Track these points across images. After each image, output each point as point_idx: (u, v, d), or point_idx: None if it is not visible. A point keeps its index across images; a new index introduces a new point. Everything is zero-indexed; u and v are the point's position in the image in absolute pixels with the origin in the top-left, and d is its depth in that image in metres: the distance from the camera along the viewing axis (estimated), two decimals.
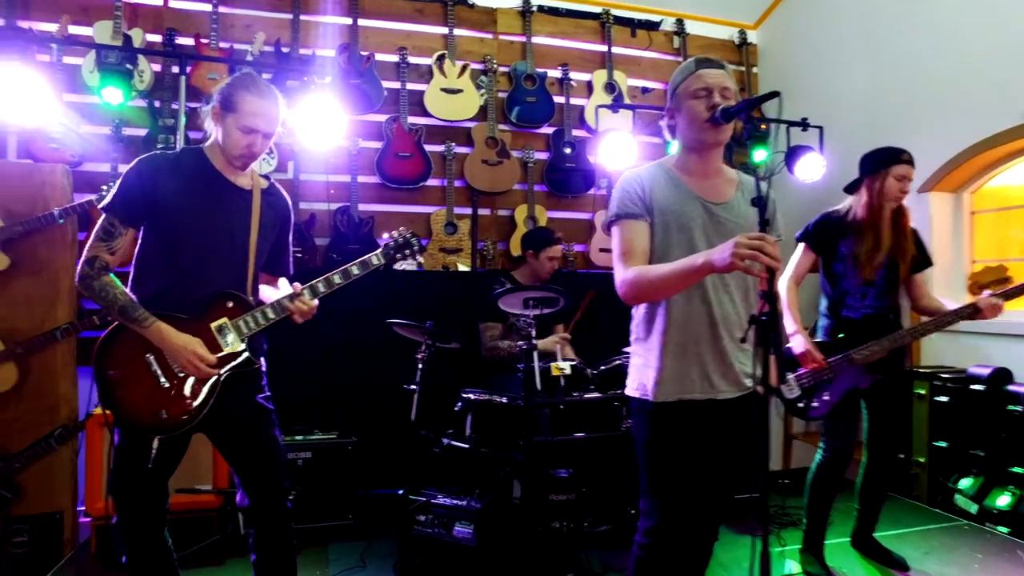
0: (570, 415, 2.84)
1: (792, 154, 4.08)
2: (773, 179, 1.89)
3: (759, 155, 4.20)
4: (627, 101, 4.57)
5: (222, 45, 3.89)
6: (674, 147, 1.96)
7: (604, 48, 4.64)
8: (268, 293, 2.14)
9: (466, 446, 2.72)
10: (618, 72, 4.62)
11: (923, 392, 3.57)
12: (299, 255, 3.83)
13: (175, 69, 3.51)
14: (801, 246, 2.77)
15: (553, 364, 2.74)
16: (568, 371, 2.72)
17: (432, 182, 4.23)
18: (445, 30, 4.29)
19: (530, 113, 4.41)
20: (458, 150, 4.26)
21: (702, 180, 1.84)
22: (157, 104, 3.71)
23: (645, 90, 4.77)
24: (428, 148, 4.18)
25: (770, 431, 2.01)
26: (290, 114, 2.06)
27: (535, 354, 2.59)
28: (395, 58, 4.17)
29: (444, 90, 4.24)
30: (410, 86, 4.17)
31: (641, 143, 4.19)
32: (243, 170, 2.03)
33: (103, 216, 1.91)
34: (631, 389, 1.89)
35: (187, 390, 1.91)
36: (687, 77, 1.78)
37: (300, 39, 4.01)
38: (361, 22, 4.13)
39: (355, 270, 2.08)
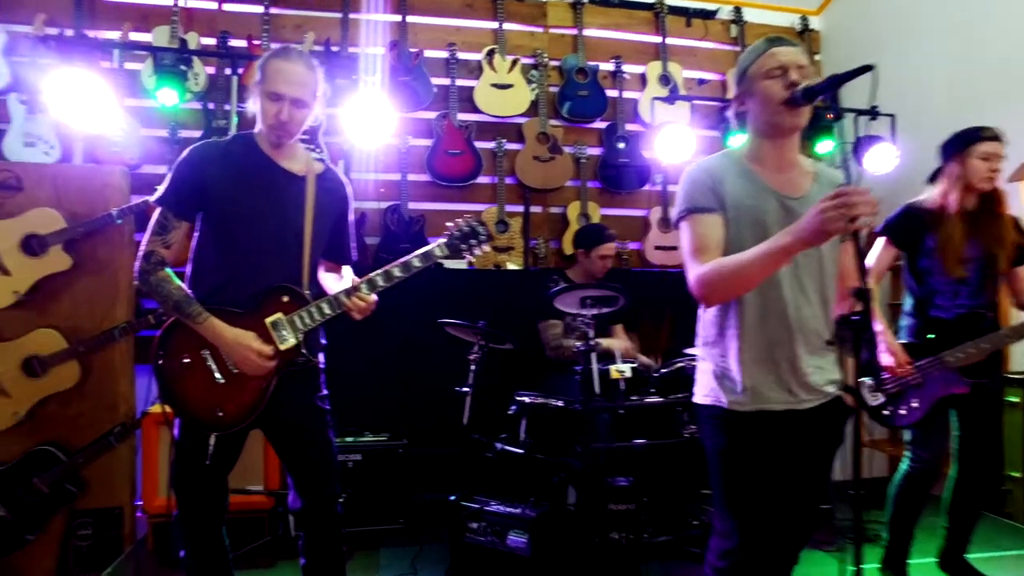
0: (629, 420, 2.71)
1: (860, 145, 3.84)
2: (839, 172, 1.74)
3: (824, 146, 3.98)
4: (683, 93, 4.41)
5: (273, 46, 3.88)
6: (733, 141, 1.81)
7: (658, 39, 4.48)
8: (331, 284, 2.08)
9: (520, 451, 2.62)
10: (673, 63, 4.46)
11: (1016, 400, 3.29)
12: None
13: (228, 71, 3.54)
14: (882, 240, 2.57)
15: (613, 367, 2.61)
16: (628, 374, 2.59)
17: (483, 179, 4.16)
18: (495, 24, 4.22)
19: (582, 107, 4.30)
20: (509, 146, 4.17)
21: (777, 172, 1.70)
22: (211, 106, 3.76)
23: (701, 82, 4.59)
24: (478, 145, 4.12)
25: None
26: (326, 86, 1.96)
27: (594, 356, 2.47)
28: (444, 54, 4.12)
29: (494, 85, 4.16)
30: (459, 82, 4.12)
31: (698, 137, 4.03)
32: (278, 146, 1.94)
33: (157, 210, 1.89)
34: (701, 396, 1.75)
35: (242, 387, 1.87)
36: (759, 56, 1.64)
37: (349, 38, 4.00)
38: (410, 19, 4.09)
39: (416, 262, 1.97)
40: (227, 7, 3.97)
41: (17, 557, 2.91)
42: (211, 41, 3.88)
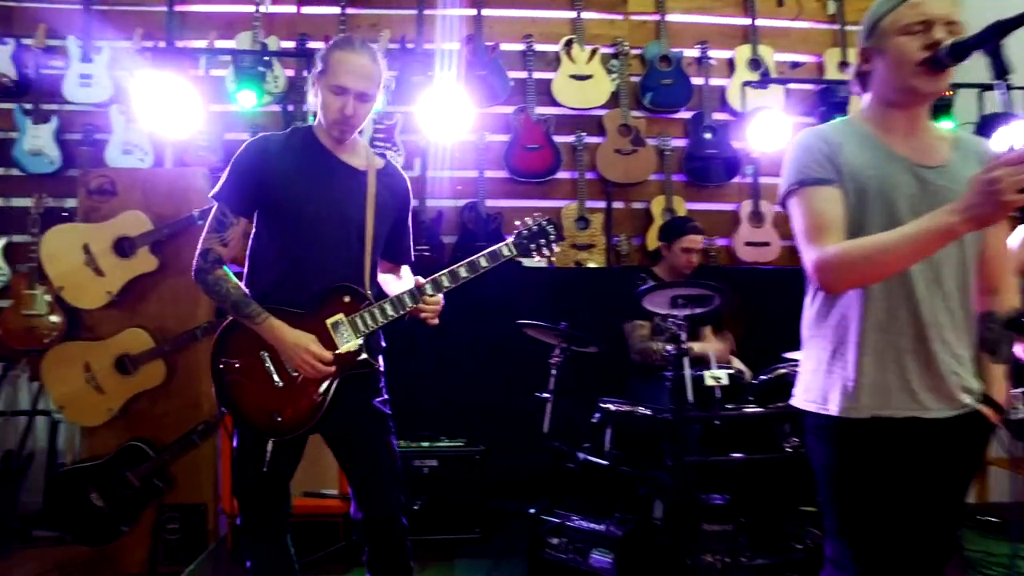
0: (724, 432, 2.46)
1: (988, 123, 3.43)
2: None
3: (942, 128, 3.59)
4: (776, 77, 4.10)
5: None
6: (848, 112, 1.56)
7: (747, 21, 4.18)
8: (391, 286, 1.98)
9: (605, 463, 2.43)
10: (763, 46, 4.15)
11: None
12: (426, 252, 3.76)
13: (306, 72, 3.56)
14: None
15: (707, 372, 2.37)
16: (725, 381, 2.34)
17: (562, 175, 4.02)
18: (572, 14, 4.06)
19: (666, 97, 4.07)
20: (589, 140, 4.01)
21: (906, 138, 1.43)
22: (290, 108, 3.80)
23: (795, 64, 4.24)
24: (557, 139, 3.98)
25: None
26: (389, 74, 1.91)
27: (687, 360, 2.25)
28: (520, 47, 4.00)
29: (573, 77, 4.01)
30: (537, 75, 3.99)
31: (794, 124, 3.72)
32: (341, 141, 1.85)
33: (215, 206, 1.83)
34: (805, 400, 1.52)
35: (301, 391, 1.79)
36: (897, 6, 1.37)
37: (424, 34, 3.96)
38: (485, 12, 4.00)
39: (483, 262, 1.87)
40: (305, 10, 4.02)
41: (115, 547, 3.03)
42: (291, 44, 3.92)
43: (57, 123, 3.74)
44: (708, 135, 4.06)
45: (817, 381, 1.49)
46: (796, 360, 2.43)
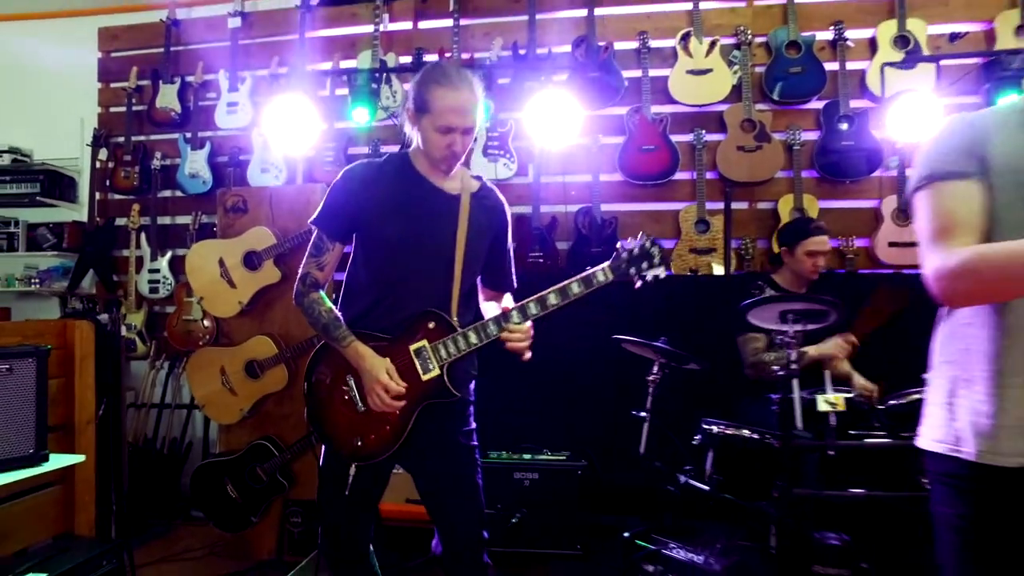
0: (844, 462, 2.18)
1: None
2: None
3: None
4: (927, 54, 3.63)
5: (463, 56, 3.97)
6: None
7: None
8: (489, 314, 1.91)
9: (706, 488, 2.25)
10: (914, 20, 3.69)
11: None
12: (540, 259, 3.72)
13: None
14: None
15: (821, 397, 2.09)
16: (841, 407, 2.07)
17: (680, 175, 3.83)
18: (689, 6, 3.85)
19: (795, 86, 3.74)
20: (709, 137, 3.78)
21: None
22: None
23: (954, 36, 3.71)
24: (675, 138, 3.79)
25: None
26: (484, 97, 1.84)
27: (795, 383, 2.02)
28: (634, 44, 3.86)
29: (690, 72, 3.80)
30: (652, 72, 3.82)
31: (948, 106, 3.27)
32: (447, 173, 1.86)
33: (315, 231, 1.89)
34: (931, 439, 1.30)
35: (382, 418, 1.80)
36: None
37: (536, 39, 3.92)
38: (597, 11, 3.90)
39: (575, 288, 1.77)
40: (422, 25, 4.13)
41: (249, 534, 3.31)
42: (408, 59, 4.05)
43: (210, 148, 4.15)
44: (844, 125, 3.68)
45: (947, 416, 1.27)
46: None
